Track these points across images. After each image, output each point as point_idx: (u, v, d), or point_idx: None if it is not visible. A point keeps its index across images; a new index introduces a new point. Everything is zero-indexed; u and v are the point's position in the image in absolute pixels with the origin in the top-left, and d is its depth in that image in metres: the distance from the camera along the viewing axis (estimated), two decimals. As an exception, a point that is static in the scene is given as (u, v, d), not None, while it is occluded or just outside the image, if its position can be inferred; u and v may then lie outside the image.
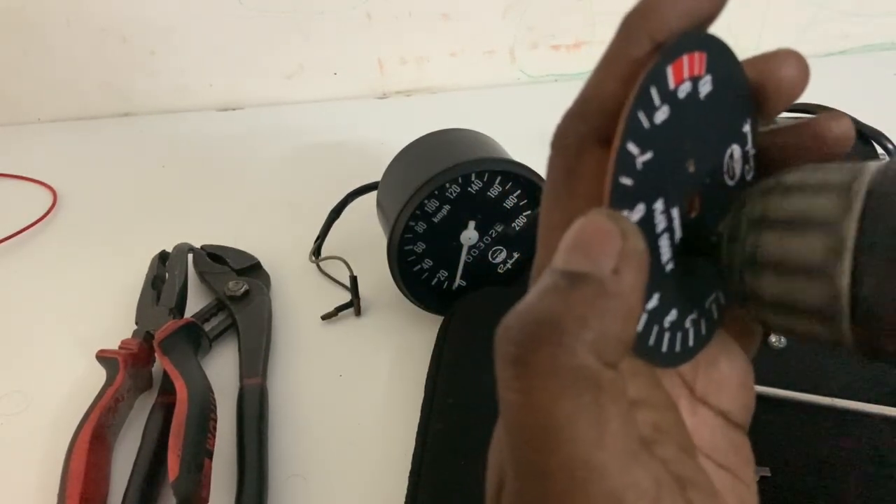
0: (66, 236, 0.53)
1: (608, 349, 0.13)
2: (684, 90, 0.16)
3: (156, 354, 0.37)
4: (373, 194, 0.44)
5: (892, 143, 0.37)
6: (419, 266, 0.40)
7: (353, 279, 0.43)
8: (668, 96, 0.15)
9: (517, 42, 0.66)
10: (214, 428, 0.34)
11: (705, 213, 0.17)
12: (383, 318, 0.42)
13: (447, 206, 0.38)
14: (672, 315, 0.17)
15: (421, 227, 0.38)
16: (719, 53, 0.17)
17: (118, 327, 0.41)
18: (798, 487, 0.31)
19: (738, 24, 0.67)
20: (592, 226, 0.13)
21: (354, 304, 0.42)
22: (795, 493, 0.30)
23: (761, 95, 0.18)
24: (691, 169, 0.17)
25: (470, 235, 0.39)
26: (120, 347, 0.38)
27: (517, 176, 0.38)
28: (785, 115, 0.41)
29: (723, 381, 0.19)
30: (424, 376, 0.37)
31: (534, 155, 0.42)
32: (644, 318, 0.16)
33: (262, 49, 0.65)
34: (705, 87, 0.16)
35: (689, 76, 0.16)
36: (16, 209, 0.55)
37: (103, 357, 0.37)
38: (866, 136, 0.37)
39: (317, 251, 0.46)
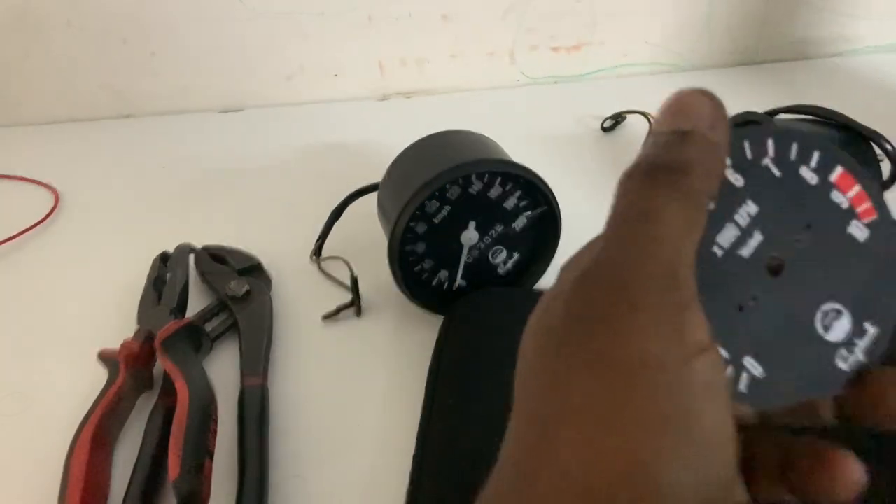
0: (67, 237, 0.53)
1: (713, 188, 0.16)
2: (804, 174, 0.18)
3: (157, 355, 0.37)
4: (373, 195, 0.44)
5: (891, 144, 0.37)
6: (420, 266, 0.40)
7: (354, 279, 0.43)
8: (782, 164, 0.18)
9: (517, 43, 0.66)
10: (215, 428, 0.34)
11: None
12: (384, 318, 0.43)
13: (448, 207, 0.38)
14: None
15: (421, 227, 0.38)
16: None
17: (119, 328, 0.41)
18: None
19: (738, 26, 0.67)
20: (688, 95, 0.17)
21: (355, 305, 0.42)
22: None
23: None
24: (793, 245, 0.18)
25: (470, 236, 0.39)
26: (121, 348, 0.38)
27: (517, 177, 0.38)
28: (785, 115, 0.41)
29: None
30: (424, 376, 0.37)
31: (534, 156, 0.42)
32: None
33: (262, 50, 0.66)
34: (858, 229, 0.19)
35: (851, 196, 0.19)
36: (17, 210, 0.55)
37: (104, 357, 0.37)
38: (865, 137, 0.38)
39: (318, 251, 0.46)
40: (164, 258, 0.45)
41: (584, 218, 0.48)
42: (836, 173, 0.18)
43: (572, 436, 0.15)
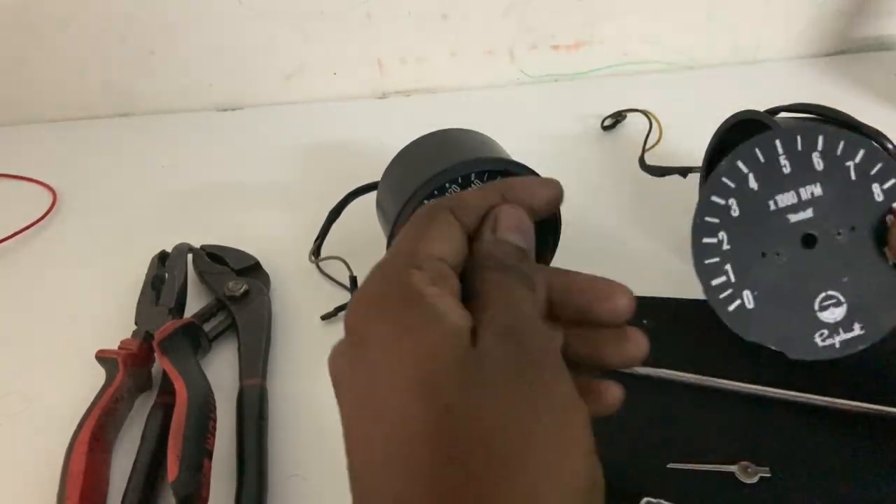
0: (65, 236, 0.53)
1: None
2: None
3: (155, 354, 0.37)
4: (372, 194, 0.44)
5: (892, 143, 0.37)
6: (419, 266, 0.40)
7: (353, 279, 0.43)
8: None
9: (517, 42, 0.66)
10: (214, 428, 0.34)
11: None
12: (383, 318, 0.42)
13: (447, 206, 0.38)
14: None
15: (421, 227, 0.38)
16: None
17: (118, 327, 0.40)
18: (798, 487, 0.31)
19: (738, 24, 0.67)
20: (522, 217, 0.22)
21: (354, 305, 0.42)
22: (795, 494, 0.30)
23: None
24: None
25: (470, 235, 0.39)
26: (119, 347, 0.38)
27: (517, 176, 0.38)
28: (785, 114, 0.41)
29: None
30: (424, 376, 0.37)
31: (533, 155, 0.42)
32: None
33: (261, 49, 0.65)
34: None
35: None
36: (15, 209, 0.55)
37: (103, 357, 0.37)
38: (867, 136, 0.37)
39: (316, 251, 0.46)
40: (162, 258, 0.45)
41: (584, 217, 0.48)
42: None
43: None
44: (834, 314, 0.21)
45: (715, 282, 0.22)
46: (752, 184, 0.22)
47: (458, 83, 0.68)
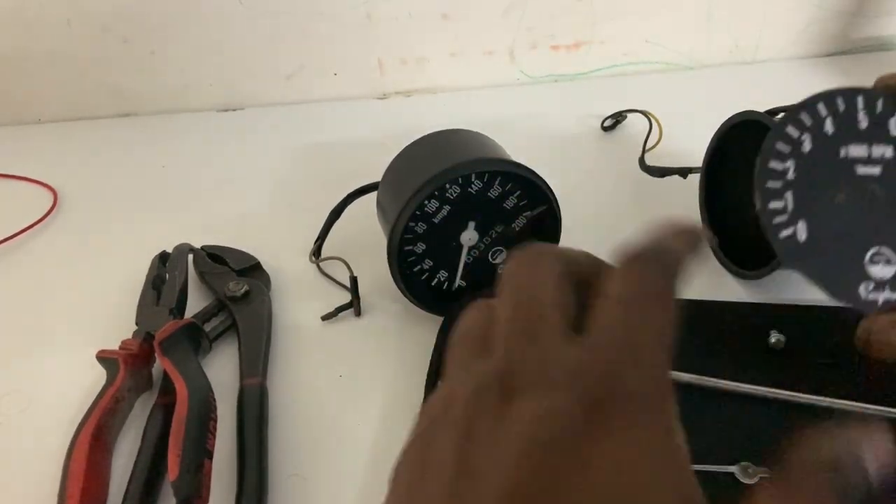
0: (66, 237, 0.53)
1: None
2: None
3: (156, 355, 0.37)
4: (373, 195, 0.44)
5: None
6: (419, 266, 0.40)
7: (353, 279, 0.43)
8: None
9: (517, 42, 0.66)
10: (214, 428, 0.34)
11: None
12: (383, 318, 0.42)
13: (447, 207, 0.38)
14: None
15: (421, 227, 0.38)
16: None
17: (118, 327, 0.41)
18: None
19: (738, 24, 0.67)
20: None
21: (354, 305, 0.42)
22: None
23: None
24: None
25: (470, 236, 0.39)
26: (120, 348, 0.38)
27: (517, 176, 0.38)
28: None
29: None
30: (424, 376, 0.37)
31: (533, 155, 0.42)
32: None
33: (262, 49, 0.65)
34: None
35: None
36: (16, 209, 0.55)
37: (103, 357, 0.37)
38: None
39: (317, 251, 0.46)
40: (163, 258, 0.45)
41: (584, 218, 0.48)
42: None
43: None
44: (883, 271, 0.22)
45: (773, 205, 0.23)
46: (828, 127, 0.22)
47: (458, 83, 0.68)
